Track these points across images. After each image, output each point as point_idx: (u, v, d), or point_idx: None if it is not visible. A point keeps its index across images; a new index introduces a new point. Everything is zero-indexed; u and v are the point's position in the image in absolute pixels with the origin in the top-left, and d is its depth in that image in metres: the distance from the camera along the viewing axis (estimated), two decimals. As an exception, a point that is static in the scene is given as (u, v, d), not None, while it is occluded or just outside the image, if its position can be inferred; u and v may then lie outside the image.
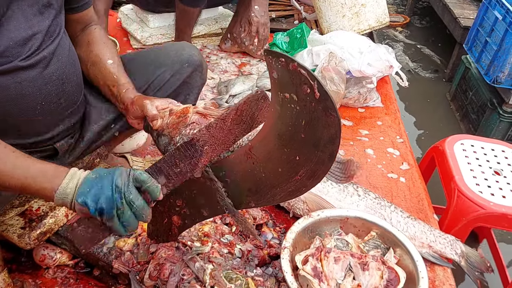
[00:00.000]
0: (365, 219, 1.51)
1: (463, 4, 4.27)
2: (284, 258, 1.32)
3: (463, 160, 1.93)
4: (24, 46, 1.11)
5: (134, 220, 0.99)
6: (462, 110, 3.62)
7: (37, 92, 1.16)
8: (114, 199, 0.95)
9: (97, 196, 0.95)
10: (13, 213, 1.30)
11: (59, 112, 1.25)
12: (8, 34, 1.07)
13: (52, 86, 1.19)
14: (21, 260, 1.42)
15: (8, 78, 1.10)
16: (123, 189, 0.95)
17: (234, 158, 1.07)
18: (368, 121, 2.34)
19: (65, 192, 0.98)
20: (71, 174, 0.99)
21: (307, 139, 0.91)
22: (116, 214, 0.96)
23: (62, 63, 1.22)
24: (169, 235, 1.30)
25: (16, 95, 1.12)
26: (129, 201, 0.96)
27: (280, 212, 1.70)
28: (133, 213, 0.97)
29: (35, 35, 1.13)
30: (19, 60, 1.10)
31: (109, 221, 0.97)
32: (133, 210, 0.97)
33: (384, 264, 1.34)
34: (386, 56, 2.31)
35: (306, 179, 0.98)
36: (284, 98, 0.89)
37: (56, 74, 1.20)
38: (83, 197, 0.96)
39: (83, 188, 0.97)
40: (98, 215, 0.96)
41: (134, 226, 1.00)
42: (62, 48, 1.23)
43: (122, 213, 0.96)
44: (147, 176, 0.98)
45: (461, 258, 1.57)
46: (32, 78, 1.14)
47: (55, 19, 1.20)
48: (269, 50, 0.85)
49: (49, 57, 1.18)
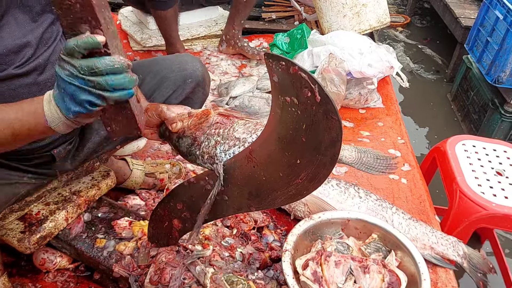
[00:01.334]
0: (367, 221, 1.50)
1: (463, 4, 4.26)
2: (285, 261, 1.32)
3: (464, 160, 1.92)
4: (18, 54, 1.10)
5: (116, 76, 0.89)
6: (464, 110, 3.60)
7: None
8: (80, 84, 0.88)
9: (72, 98, 0.89)
10: (12, 217, 1.29)
11: None
12: (2, 42, 1.07)
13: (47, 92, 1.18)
14: (21, 264, 1.41)
15: (3, 85, 1.10)
16: (74, 72, 0.87)
17: (235, 161, 1.06)
18: (369, 122, 2.34)
19: (54, 117, 0.93)
20: (47, 100, 0.94)
21: (308, 143, 0.90)
22: (99, 91, 0.88)
23: None
24: (170, 238, 1.29)
25: (11, 102, 1.12)
26: (88, 72, 0.87)
27: (281, 214, 1.70)
28: (106, 75, 0.88)
29: (29, 42, 1.13)
30: (13, 68, 1.10)
31: (105, 100, 0.90)
32: (101, 71, 0.87)
33: (385, 267, 1.34)
34: (386, 56, 2.30)
35: (308, 182, 0.97)
36: (285, 102, 0.88)
37: (51, 81, 1.19)
38: (67, 110, 0.91)
39: (61, 106, 0.91)
40: (91, 106, 0.90)
41: (123, 79, 0.90)
42: (57, 54, 1.21)
43: (100, 84, 0.88)
44: (72, 40, 0.87)
45: (464, 259, 1.56)
46: (26, 84, 1.13)
47: (50, 26, 1.19)
48: (270, 54, 0.85)
49: (44, 63, 1.17)
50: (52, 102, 0.93)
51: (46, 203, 1.36)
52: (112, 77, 0.88)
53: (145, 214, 1.53)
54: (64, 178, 1.38)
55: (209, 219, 1.19)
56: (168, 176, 1.76)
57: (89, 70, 0.86)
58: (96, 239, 1.38)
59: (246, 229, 1.55)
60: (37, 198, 1.36)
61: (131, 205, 1.59)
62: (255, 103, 2.31)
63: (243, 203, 1.10)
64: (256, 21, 3.28)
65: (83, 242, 1.37)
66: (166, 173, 1.76)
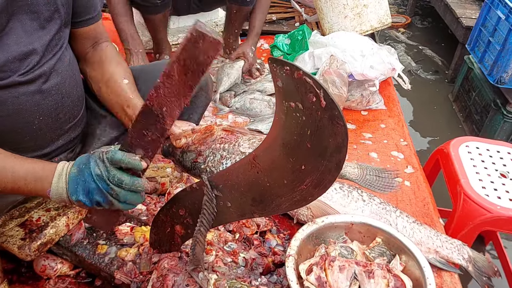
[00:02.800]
0: (371, 224, 1.49)
1: (464, 4, 4.25)
2: (289, 266, 1.30)
3: (468, 162, 1.91)
4: (23, 61, 1.09)
5: (134, 195, 0.98)
6: (465, 111, 3.59)
7: (34, 107, 1.14)
8: (102, 188, 0.94)
9: (86, 191, 0.95)
10: (13, 224, 1.28)
11: (58, 126, 1.23)
12: (7, 48, 1.05)
13: (50, 100, 1.17)
14: (22, 271, 1.40)
15: (6, 92, 1.08)
16: (105, 176, 0.93)
17: (238, 167, 1.04)
18: (371, 124, 2.32)
19: (58, 192, 0.98)
20: (59, 172, 0.98)
21: (313, 148, 0.89)
22: (113, 199, 0.95)
23: (61, 77, 1.20)
24: (172, 244, 1.27)
25: (14, 110, 1.10)
26: (116, 183, 0.94)
27: (284, 218, 1.68)
28: (128, 191, 0.96)
29: (35, 49, 1.11)
30: (18, 75, 1.08)
31: (111, 206, 0.96)
32: (126, 188, 0.95)
33: (390, 272, 1.32)
34: (388, 58, 2.29)
35: (312, 188, 0.96)
36: (289, 107, 0.86)
37: (55, 89, 1.18)
38: (75, 195, 0.96)
39: (71, 187, 0.96)
40: (98, 206, 0.96)
41: (136, 199, 0.99)
42: (62, 62, 1.20)
43: (117, 195, 0.95)
44: (121, 154, 0.95)
45: (469, 263, 1.55)
46: (30, 92, 1.12)
47: (57, 33, 1.17)
48: (274, 58, 0.83)
49: (49, 71, 1.15)
50: (63, 178, 0.97)
51: (46, 209, 1.34)
52: (131, 195, 0.96)
53: (147, 219, 1.52)
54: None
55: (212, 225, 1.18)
56: (169, 180, 1.75)
57: (118, 182, 0.94)
58: (97, 245, 1.36)
59: (248, 233, 1.53)
60: (37, 204, 1.34)
61: (132, 210, 1.57)
62: (256, 106, 2.30)
63: (246, 209, 1.09)
64: (256, 23, 3.25)
65: (84, 248, 1.36)
66: (167, 177, 1.75)
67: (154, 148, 0.99)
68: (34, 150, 1.20)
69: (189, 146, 1.17)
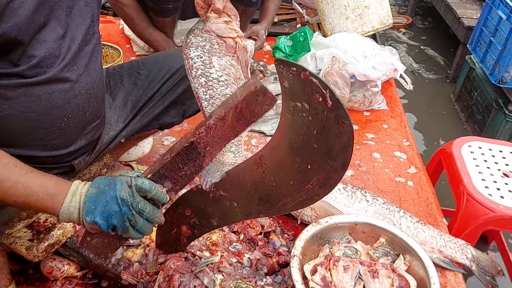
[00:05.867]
0: (374, 224, 1.49)
1: (466, 4, 4.26)
2: (293, 267, 1.31)
3: (471, 162, 1.91)
4: (58, 57, 1.10)
5: (148, 225, 0.98)
6: (467, 110, 3.60)
7: (66, 105, 1.15)
8: (124, 212, 0.94)
9: (105, 214, 0.94)
10: (20, 225, 1.29)
11: (83, 126, 1.24)
12: (46, 45, 1.07)
13: (80, 99, 1.19)
14: (29, 273, 1.41)
15: (41, 88, 1.09)
16: (129, 201, 0.94)
17: (244, 167, 1.05)
18: (374, 124, 2.33)
19: (69, 211, 0.97)
20: (73, 191, 0.98)
21: (319, 148, 0.89)
22: (129, 226, 0.96)
23: (92, 78, 1.21)
24: (178, 245, 1.28)
25: (47, 106, 1.12)
26: (138, 210, 0.95)
27: (288, 219, 1.69)
28: (145, 220, 0.97)
29: (70, 45, 1.12)
30: (54, 71, 1.10)
31: (124, 233, 0.96)
32: (145, 217, 0.96)
33: (394, 271, 1.33)
34: (390, 59, 2.30)
35: (318, 188, 0.96)
36: (296, 107, 0.87)
37: (85, 88, 1.19)
38: (90, 215, 0.95)
39: (87, 207, 0.95)
40: (112, 231, 0.96)
41: (149, 230, 1.00)
42: (94, 63, 1.22)
43: (135, 222, 0.96)
44: (149, 184, 0.96)
45: (472, 262, 1.55)
46: (63, 90, 1.13)
47: (90, 27, 1.19)
48: (280, 60, 0.84)
49: (81, 70, 1.17)
50: (77, 198, 0.97)
51: (53, 210, 1.35)
52: (147, 225, 0.98)
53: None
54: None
55: (218, 225, 1.18)
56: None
57: (139, 210, 0.95)
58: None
59: (253, 234, 1.54)
60: (44, 205, 1.35)
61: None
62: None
63: (252, 209, 1.10)
64: (258, 24, 3.26)
65: (90, 249, 1.36)
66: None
67: (184, 183, 1.01)
68: (59, 148, 1.21)
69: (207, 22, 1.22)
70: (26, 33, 1.01)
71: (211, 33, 1.23)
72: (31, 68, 1.06)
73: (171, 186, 1.00)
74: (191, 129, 0.97)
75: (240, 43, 1.24)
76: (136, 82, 1.48)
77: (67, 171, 1.31)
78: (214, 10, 1.27)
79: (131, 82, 1.48)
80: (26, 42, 1.03)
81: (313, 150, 0.90)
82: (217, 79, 1.15)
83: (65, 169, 1.29)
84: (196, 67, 1.18)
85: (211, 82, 1.16)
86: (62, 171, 1.28)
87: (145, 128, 1.52)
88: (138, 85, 1.48)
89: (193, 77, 1.17)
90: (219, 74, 1.17)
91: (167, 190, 1.00)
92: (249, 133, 2.19)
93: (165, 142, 2.08)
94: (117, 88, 1.47)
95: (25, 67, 1.05)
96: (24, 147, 1.07)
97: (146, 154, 1.99)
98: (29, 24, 1.01)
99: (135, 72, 1.50)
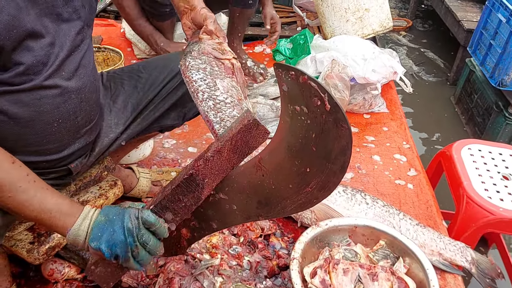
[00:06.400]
0: (374, 227, 1.50)
1: (465, 7, 4.27)
2: (293, 269, 1.31)
3: (471, 165, 1.92)
4: (46, 64, 1.10)
5: (149, 257, 1.02)
6: (468, 113, 3.60)
7: (55, 110, 1.15)
8: (128, 243, 0.97)
9: (111, 242, 0.98)
10: (21, 228, 1.29)
11: (75, 130, 1.24)
12: (33, 52, 1.06)
13: (70, 104, 1.18)
14: (30, 275, 1.41)
15: (28, 94, 1.09)
16: (135, 232, 0.98)
17: (243, 170, 1.06)
18: (374, 127, 2.34)
19: (77, 234, 1.01)
20: (84, 215, 1.02)
21: (318, 151, 0.90)
22: (131, 256, 0.99)
23: (83, 82, 1.21)
24: (178, 248, 1.28)
25: (35, 112, 1.12)
26: (142, 242, 0.99)
27: (288, 221, 1.69)
28: (147, 252, 1.01)
29: (58, 52, 1.12)
30: (41, 79, 1.09)
31: (125, 262, 1.00)
32: (147, 249, 1.01)
33: (394, 274, 1.33)
34: (390, 62, 2.30)
35: (317, 191, 0.97)
36: (294, 111, 0.88)
37: (75, 93, 1.19)
38: (96, 242, 0.98)
39: (94, 233, 0.99)
40: (114, 259, 0.99)
41: (148, 261, 1.03)
42: (84, 68, 1.22)
43: (137, 254, 0.99)
44: (155, 218, 1.01)
45: (472, 265, 1.56)
46: (52, 95, 1.13)
47: (79, 34, 1.19)
48: (279, 63, 0.85)
49: (70, 75, 1.17)
50: (87, 222, 1.01)
51: (54, 213, 1.36)
52: (147, 256, 1.01)
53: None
54: (72, 188, 1.38)
55: (218, 228, 1.19)
56: (174, 184, 1.76)
57: (144, 242, 0.99)
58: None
59: (253, 237, 1.54)
60: (45, 208, 1.36)
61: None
62: (259, 110, 2.31)
63: (252, 212, 1.10)
64: (258, 27, 3.28)
65: (91, 252, 1.37)
66: (172, 181, 1.76)
67: (183, 214, 1.05)
68: (52, 153, 1.21)
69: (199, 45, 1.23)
70: (7, 38, 0.99)
71: (209, 55, 1.23)
72: (18, 75, 1.05)
73: (172, 217, 1.05)
74: (191, 161, 1.02)
75: (236, 65, 1.26)
76: (137, 85, 1.48)
77: (65, 175, 1.31)
78: (206, 32, 1.27)
79: (131, 85, 1.49)
80: (8, 49, 1.01)
81: (312, 153, 0.91)
82: (224, 101, 1.15)
83: (62, 173, 1.29)
84: (202, 90, 1.17)
85: (219, 104, 1.15)
86: (59, 175, 1.29)
87: (145, 131, 1.52)
88: (139, 88, 1.48)
89: (201, 100, 1.16)
90: (225, 96, 1.16)
91: (167, 221, 1.05)
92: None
93: (165, 145, 2.09)
94: (117, 91, 1.47)
95: (12, 74, 1.04)
96: (18, 153, 1.07)
97: (147, 157, 2.00)
98: (11, 30, 0.99)
99: (136, 75, 1.50)
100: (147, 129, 1.52)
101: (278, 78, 0.87)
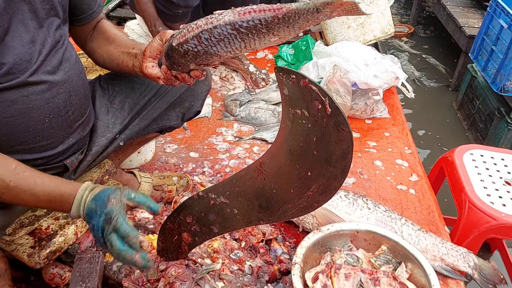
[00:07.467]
0: (376, 232, 1.49)
1: (467, 13, 4.28)
2: (295, 274, 1.31)
3: (473, 170, 1.91)
4: (30, 61, 1.11)
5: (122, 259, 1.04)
6: (470, 119, 3.60)
7: (44, 105, 1.16)
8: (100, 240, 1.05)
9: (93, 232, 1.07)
10: (22, 232, 1.29)
11: (68, 125, 1.25)
12: (14, 51, 1.07)
13: (59, 98, 1.19)
14: (31, 279, 1.41)
15: (16, 92, 1.10)
16: (104, 233, 1.04)
17: (245, 174, 1.06)
18: (376, 132, 2.33)
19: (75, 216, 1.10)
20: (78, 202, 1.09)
21: (319, 155, 0.90)
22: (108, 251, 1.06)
23: (68, 75, 1.22)
24: (179, 252, 1.29)
25: (24, 109, 1.12)
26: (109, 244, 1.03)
27: (290, 226, 1.69)
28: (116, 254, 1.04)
29: (41, 49, 1.13)
30: (26, 75, 1.10)
31: None
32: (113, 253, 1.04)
33: (396, 279, 1.33)
34: (392, 67, 2.30)
35: (318, 195, 0.97)
36: (295, 114, 0.88)
37: (63, 87, 1.20)
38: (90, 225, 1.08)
39: (88, 219, 1.08)
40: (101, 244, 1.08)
41: (125, 262, 1.06)
42: (67, 61, 1.23)
43: (111, 252, 1.04)
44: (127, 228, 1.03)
45: (474, 270, 1.55)
46: (39, 91, 1.14)
47: (57, 30, 1.20)
48: (280, 67, 0.85)
49: (55, 70, 1.18)
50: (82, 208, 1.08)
51: (55, 217, 1.36)
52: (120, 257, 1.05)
53: (154, 227, 1.53)
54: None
55: (219, 232, 1.19)
56: (175, 188, 1.76)
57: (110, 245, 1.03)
58: (106, 253, 1.37)
59: (254, 241, 1.54)
60: (46, 212, 1.36)
61: (139, 219, 1.59)
62: (261, 115, 2.32)
63: (253, 216, 1.10)
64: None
65: (92, 256, 1.37)
66: (173, 186, 1.76)
67: None
68: (47, 149, 1.22)
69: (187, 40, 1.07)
70: None
71: None
72: (2, 75, 1.06)
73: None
74: None
75: None
76: (134, 86, 1.49)
77: (62, 172, 1.31)
78: None
79: (128, 85, 1.49)
80: None
81: (313, 157, 0.91)
82: None
83: (58, 170, 1.30)
84: None
85: None
86: (56, 171, 1.29)
87: (144, 131, 1.53)
88: (136, 88, 1.49)
89: None
90: None
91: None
92: (251, 140, 2.20)
93: (167, 149, 2.09)
94: (115, 92, 1.48)
95: None
96: (13, 152, 1.08)
97: (149, 162, 2.00)
98: None
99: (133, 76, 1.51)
100: (146, 129, 1.52)
101: (279, 81, 0.87)
